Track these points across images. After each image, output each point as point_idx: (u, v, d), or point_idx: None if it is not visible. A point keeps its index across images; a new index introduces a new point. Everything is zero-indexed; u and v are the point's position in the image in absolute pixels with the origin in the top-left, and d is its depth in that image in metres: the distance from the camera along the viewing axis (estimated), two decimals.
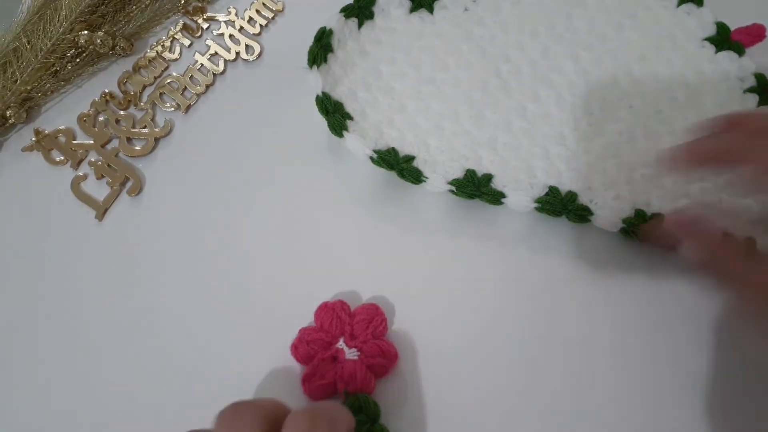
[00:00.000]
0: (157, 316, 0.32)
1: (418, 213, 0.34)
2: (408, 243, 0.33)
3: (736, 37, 0.37)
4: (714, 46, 0.37)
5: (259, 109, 0.37)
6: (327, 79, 0.34)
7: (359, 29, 0.37)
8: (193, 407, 0.30)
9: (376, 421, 0.28)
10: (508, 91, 0.36)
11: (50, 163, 0.36)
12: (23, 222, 0.35)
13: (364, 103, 0.35)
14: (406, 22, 0.38)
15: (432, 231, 0.33)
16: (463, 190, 0.32)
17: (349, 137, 0.33)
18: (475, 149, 0.34)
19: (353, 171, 0.35)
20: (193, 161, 0.36)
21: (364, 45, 0.37)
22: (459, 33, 0.37)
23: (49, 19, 0.37)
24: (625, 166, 0.33)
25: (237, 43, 0.39)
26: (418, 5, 0.38)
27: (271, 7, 0.40)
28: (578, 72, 0.36)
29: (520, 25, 0.38)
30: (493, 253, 0.33)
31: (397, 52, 0.37)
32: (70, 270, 0.34)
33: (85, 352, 0.32)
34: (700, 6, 0.38)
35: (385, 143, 0.33)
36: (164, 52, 0.39)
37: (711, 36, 0.37)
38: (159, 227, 0.34)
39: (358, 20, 0.37)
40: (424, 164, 0.33)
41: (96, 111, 0.37)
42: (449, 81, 0.36)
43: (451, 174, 0.33)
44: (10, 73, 0.36)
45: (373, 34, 0.37)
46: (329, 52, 0.35)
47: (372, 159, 0.33)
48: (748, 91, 0.36)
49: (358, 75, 0.36)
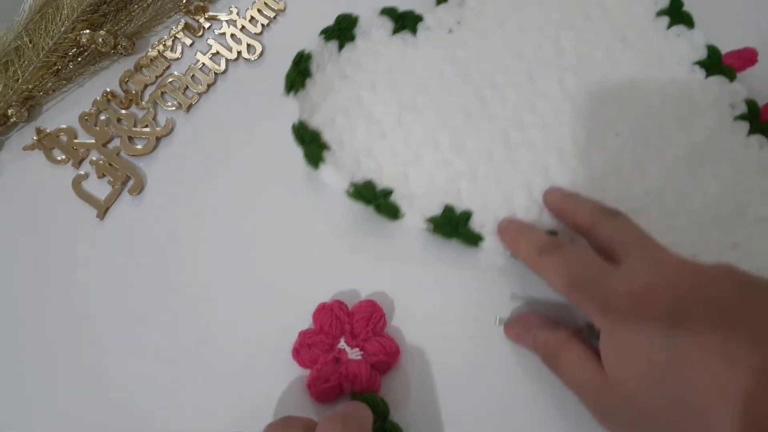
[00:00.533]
0: (156, 317, 0.32)
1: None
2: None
3: (728, 61, 0.36)
4: (704, 70, 0.36)
5: (261, 108, 0.37)
6: (305, 105, 0.33)
7: (339, 52, 0.35)
8: (192, 410, 0.31)
9: (386, 419, 0.28)
10: (491, 117, 0.34)
11: (51, 162, 0.36)
12: (24, 221, 0.35)
13: (342, 131, 0.33)
14: (388, 44, 0.36)
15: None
16: (440, 230, 0.31)
17: (325, 170, 0.31)
18: (454, 181, 0.33)
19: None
20: (194, 160, 0.36)
21: (344, 68, 0.35)
22: (442, 55, 0.36)
23: (50, 18, 0.37)
24: (610, 200, 0.31)
25: (238, 42, 0.39)
26: (401, 27, 0.36)
27: (273, 6, 0.40)
28: (564, 97, 0.35)
29: (505, 48, 0.36)
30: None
31: (378, 76, 0.35)
32: (71, 269, 0.34)
33: (84, 352, 0.32)
34: (691, 28, 0.37)
35: (362, 175, 0.32)
36: (166, 51, 0.39)
37: (702, 60, 0.36)
38: (160, 226, 0.34)
39: (339, 42, 0.35)
40: (402, 198, 0.32)
41: (97, 110, 0.37)
42: (431, 106, 0.34)
43: (429, 210, 0.32)
44: (11, 72, 0.36)
45: (354, 56, 0.35)
46: (307, 77, 0.34)
47: (348, 193, 0.31)
48: (739, 118, 0.35)
49: (338, 100, 0.34)
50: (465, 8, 0.37)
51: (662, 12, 0.37)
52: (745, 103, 0.35)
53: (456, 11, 0.37)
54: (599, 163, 0.33)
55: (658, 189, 0.33)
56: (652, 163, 0.33)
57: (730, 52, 0.36)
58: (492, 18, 0.37)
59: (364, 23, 0.36)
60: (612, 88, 0.35)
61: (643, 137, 0.34)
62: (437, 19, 0.37)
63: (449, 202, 0.32)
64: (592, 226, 0.28)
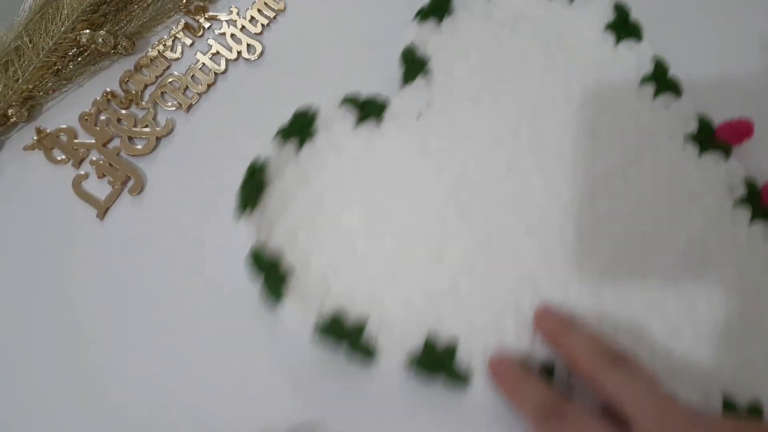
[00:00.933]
0: (156, 317, 0.32)
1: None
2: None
3: (722, 134, 0.33)
4: (698, 145, 0.32)
5: (261, 108, 0.37)
6: (262, 224, 0.29)
7: (299, 151, 0.32)
8: (195, 409, 0.31)
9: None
10: (470, 220, 0.30)
11: (51, 162, 0.36)
12: (24, 221, 0.35)
13: (306, 247, 0.30)
14: (352, 136, 0.32)
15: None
16: (422, 369, 0.27)
17: (287, 310, 0.28)
18: (435, 304, 0.29)
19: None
20: (194, 160, 0.36)
21: (305, 169, 0.31)
22: (412, 146, 0.32)
23: (50, 18, 0.37)
24: (608, 318, 0.28)
25: (239, 42, 0.39)
26: (366, 114, 0.32)
27: (273, 6, 0.40)
28: (548, 190, 0.31)
29: (480, 133, 0.32)
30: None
31: (343, 175, 0.31)
32: (71, 269, 0.34)
33: (84, 353, 0.32)
34: (679, 96, 0.34)
35: (332, 303, 0.28)
36: (166, 51, 0.39)
37: (693, 133, 0.33)
38: (160, 226, 0.34)
39: (299, 139, 0.32)
40: (378, 330, 0.28)
41: (97, 110, 0.37)
42: (404, 209, 0.30)
43: (409, 343, 0.28)
44: (11, 72, 0.36)
45: (316, 154, 0.32)
46: (263, 189, 0.30)
47: (315, 330, 0.27)
48: (739, 202, 0.31)
49: (300, 210, 0.30)
50: (433, 87, 0.33)
51: (647, 78, 0.34)
52: (744, 184, 0.32)
53: (424, 91, 0.33)
54: (592, 274, 0.29)
55: (659, 300, 0.29)
56: (650, 269, 0.30)
57: (723, 125, 0.33)
58: (465, 96, 0.33)
59: (325, 116, 0.32)
60: (600, 176, 0.31)
61: (638, 236, 0.30)
62: (404, 104, 0.33)
63: (431, 326, 0.28)
64: (593, 372, 0.26)
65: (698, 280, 0.30)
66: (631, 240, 0.30)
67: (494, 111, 0.33)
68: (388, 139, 0.32)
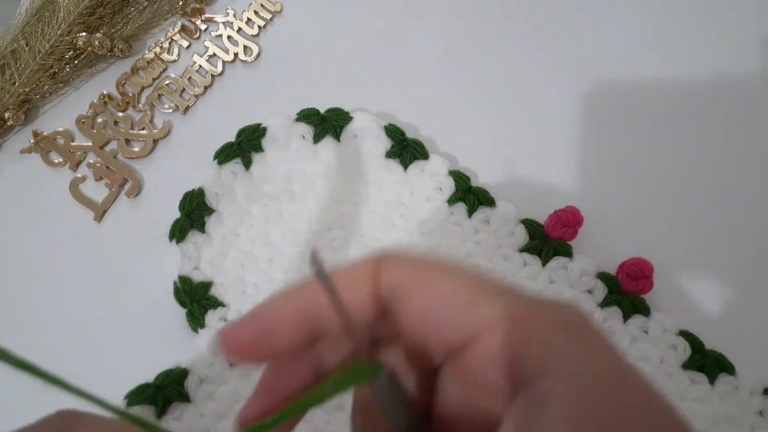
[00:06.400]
0: (156, 318, 0.32)
1: None
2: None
3: (552, 232, 0.30)
4: (536, 253, 0.30)
5: (258, 109, 0.37)
6: (189, 253, 0.32)
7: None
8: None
9: None
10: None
11: (49, 164, 0.36)
12: (22, 224, 0.35)
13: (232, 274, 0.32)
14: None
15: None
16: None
17: (201, 337, 0.30)
18: None
19: None
20: (191, 162, 0.36)
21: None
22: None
23: (47, 21, 0.37)
24: None
25: (235, 44, 0.39)
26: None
27: (269, 8, 0.40)
28: None
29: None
30: None
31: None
32: (69, 271, 0.34)
33: (84, 353, 0.32)
34: (494, 205, 0.31)
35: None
36: (162, 53, 0.39)
37: (527, 244, 0.31)
38: (158, 228, 0.34)
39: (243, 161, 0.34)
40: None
41: (94, 113, 0.37)
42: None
43: None
44: (8, 75, 0.36)
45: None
46: (205, 216, 0.33)
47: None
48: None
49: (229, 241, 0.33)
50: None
51: (454, 198, 0.32)
52: (599, 279, 0.29)
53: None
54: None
55: None
56: None
57: (551, 217, 0.31)
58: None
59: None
60: None
61: None
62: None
63: None
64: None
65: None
66: None
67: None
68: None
